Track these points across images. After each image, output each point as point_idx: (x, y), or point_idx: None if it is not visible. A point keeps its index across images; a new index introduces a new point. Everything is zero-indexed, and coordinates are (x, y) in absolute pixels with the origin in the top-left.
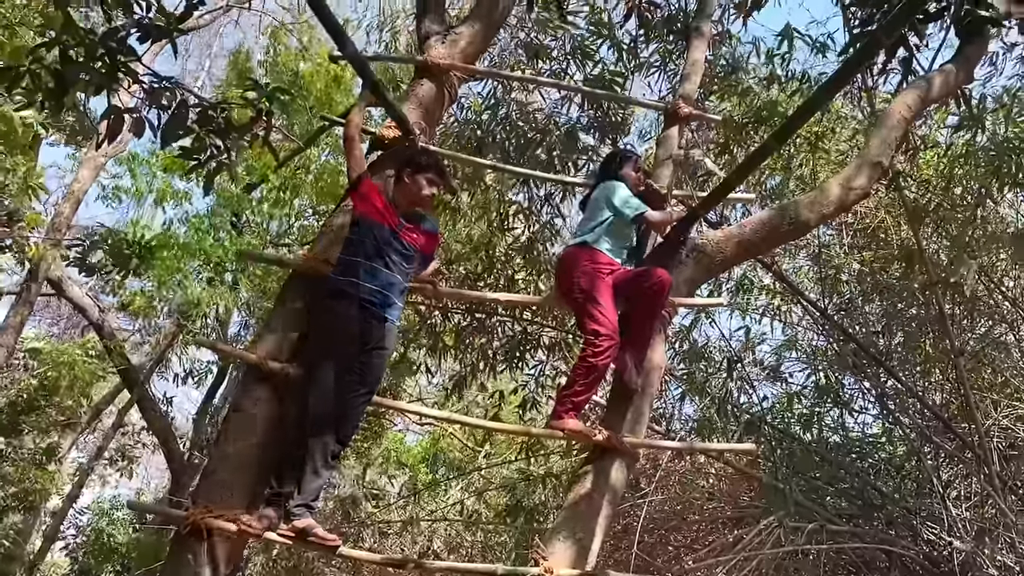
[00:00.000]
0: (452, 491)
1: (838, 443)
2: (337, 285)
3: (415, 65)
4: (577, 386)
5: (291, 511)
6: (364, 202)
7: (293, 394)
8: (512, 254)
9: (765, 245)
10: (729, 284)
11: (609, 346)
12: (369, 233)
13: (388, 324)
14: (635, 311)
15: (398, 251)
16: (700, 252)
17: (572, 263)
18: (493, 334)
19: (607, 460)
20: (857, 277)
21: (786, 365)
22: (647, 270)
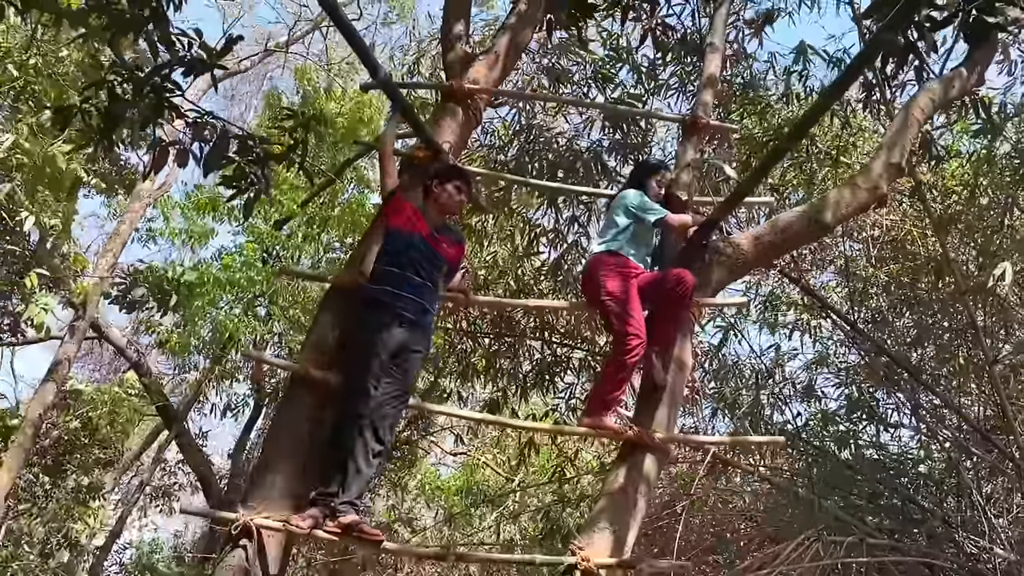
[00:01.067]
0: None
1: (875, 459)
2: (372, 294)
3: (441, 90)
4: (607, 385)
5: (337, 508)
6: (396, 215)
7: (333, 400)
8: (540, 277)
9: (786, 246)
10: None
11: (637, 345)
12: (402, 244)
13: (423, 328)
14: (660, 312)
15: (429, 260)
16: (722, 255)
17: (597, 268)
18: (523, 357)
19: (639, 455)
20: (885, 290)
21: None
22: (670, 272)
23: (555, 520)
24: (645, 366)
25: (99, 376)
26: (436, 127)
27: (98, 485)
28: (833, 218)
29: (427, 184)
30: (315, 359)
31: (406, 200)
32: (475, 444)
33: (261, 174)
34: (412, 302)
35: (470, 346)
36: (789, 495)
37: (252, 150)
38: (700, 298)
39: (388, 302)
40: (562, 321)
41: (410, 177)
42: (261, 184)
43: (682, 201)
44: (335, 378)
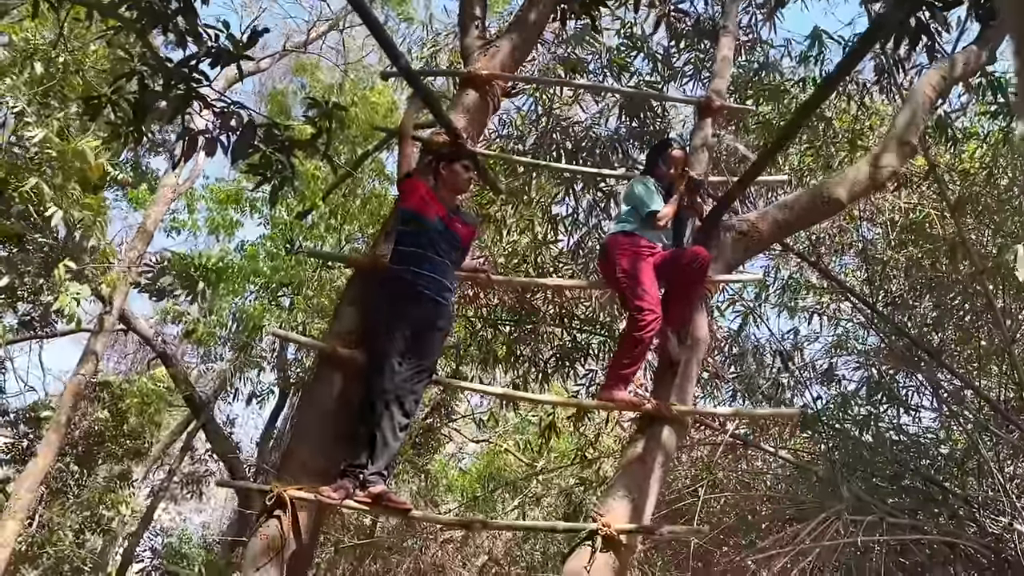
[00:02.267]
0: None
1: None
2: (392, 274)
3: (459, 77)
4: (624, 360)
5: (366, 479)
6: (411, 195)
7: (360, 377)
8: (560, 263)
9: (799, 224)
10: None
11: (652, 319)
12: (418, 224)
13: (443, 305)
14: (675, 288)
15: (446, 240)
16: (738, 232)
17: (613, 247)
18: (543, 343)
19: (657, 427)
20: (905, 273)
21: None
22: (687, 249)
23: (577, 503)
24: (661, 341)
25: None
26: (455, 113)
27: (128, 474)
28: (847, 195)
29: (437, 166)
30: (342, 338)
31: (420, 182)
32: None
33: (287, 162)
34: (432, 280)
35: (491, 333)
36: (810, 476)
37: (277, 139)
38: (714, 275)
39: (409, 280)
40: (582, 307)
41: (427, 161)
42: (287, 171)
43: (697, 181)
44: (361, 356)
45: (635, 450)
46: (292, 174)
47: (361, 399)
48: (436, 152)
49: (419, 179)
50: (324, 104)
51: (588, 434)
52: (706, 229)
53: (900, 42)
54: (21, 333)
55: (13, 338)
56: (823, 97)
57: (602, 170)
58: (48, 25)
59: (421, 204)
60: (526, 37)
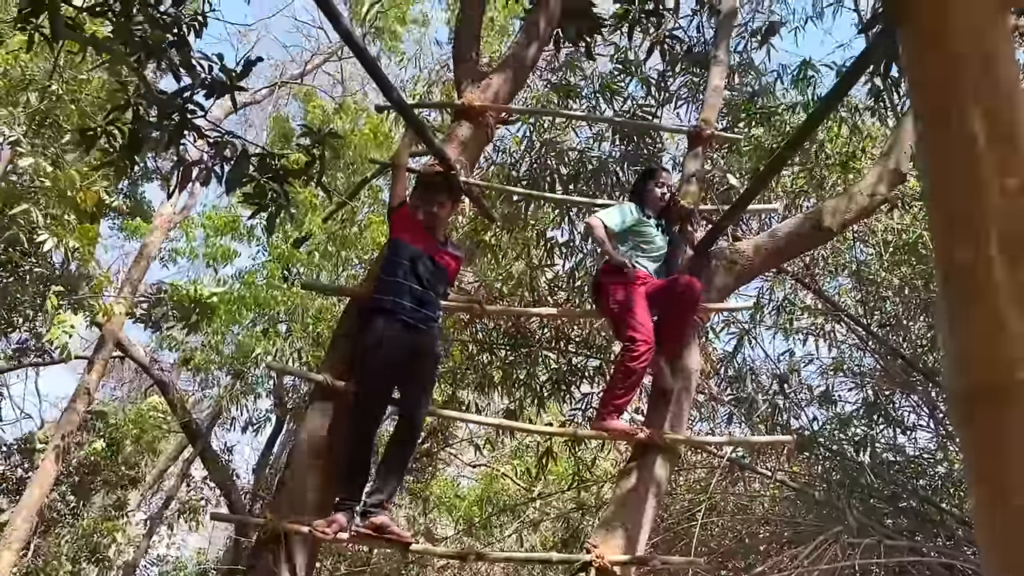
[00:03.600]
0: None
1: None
2: (378, 303)
3: (454, 109)
4: (617, 389)
5: (367, 509)
6: (400, 226)
7: (354, 409)
8: (556, 288)
9: (789, 252)
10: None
11: (645, 351)
12: (405, 253)
13: (427, 333)
14: (668, 317)
15: (432, 271)
16: (729, 261)
17: (604, 278)
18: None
19: (650, 457)
20: (899, 294)
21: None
22: (679, 278)
23: (574, 528)
24: (654, 371)
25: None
26: (449, 144)
27: (124, 503)
28: (835, 223)
29: (419, 201)
30: (336, 369)
31: (409, 213)
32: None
33: (281, 190)
34: (414, 310)
35: (487, 358)
36: (808, 499)
37: (271, 167)
38: (706, 303)
39: (391, 310)
40: (577, 330)
41: (420, 192)
42: (282, 200)
43: (687, 210)
44: (354, 387)
45: (628, 480)
46: (287, 202)
47: (356, 430)
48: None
49: (408, 210)
50: (318, 132)
51: (585, 458)
52: (698, 257)
53: (891, 66)
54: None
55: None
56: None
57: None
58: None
59: (408, 234)
60: (520, 68)
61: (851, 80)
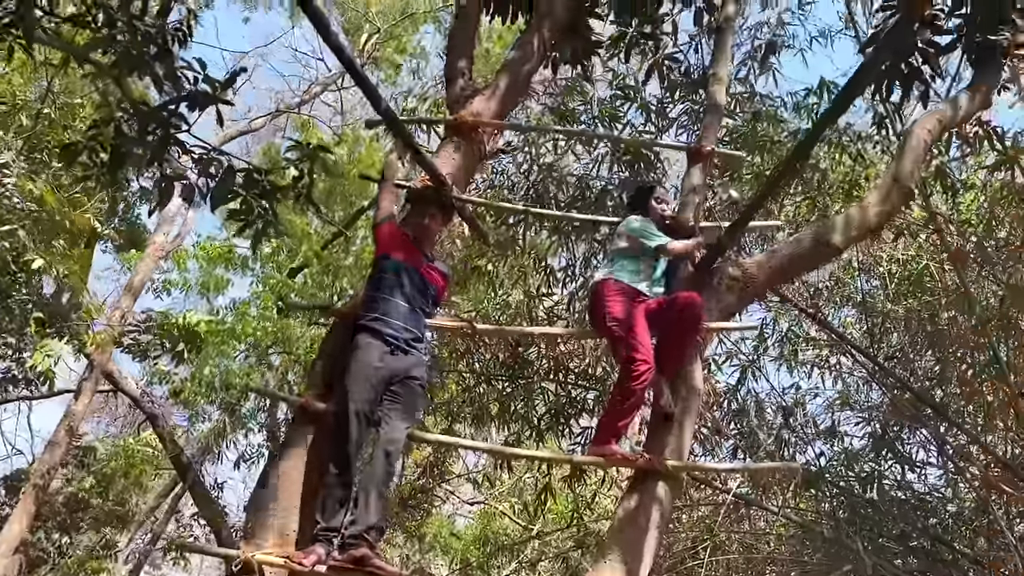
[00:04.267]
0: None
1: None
2: (363, 321)
3: (445, 125)
4: (616, 412)
5: (346, 541)
6: (388, 243)
7: (334, 432)
8: (555, 317)
9: (795, 269)
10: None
11: (645, 371)
12: (392, 268)
13: (415, 355)
14: (669, 336)
15: (420, 288)
16: (731, 279)
17: (601, 295)
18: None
19: (651, 484)
20: (905, 326)
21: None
22: (679, 296)
23: (574, 567)
24: (655, 393)
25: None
26: (440, 160)
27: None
28: (842, 240)
29: (411, 215)
30: (318, 391)
31: (396, 228)
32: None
33: (268, 207)
34: (401, 329)
35: (484, 389)
36: (815, 537)
37: (258, 183)
38: (708, 323)
39: (378, 329)
40: (576, 361)
41: (410, 208)
42: (269, 217)
43: (689, 227)
44: (334, 410)
45: (628, 509)
46: (275, 219)
47: (336, 455)
48: (413, 199)
49: (395, 225)
50: (306, 146)
51: (585, 495)
52: (699, 276)
53: (892, 89)
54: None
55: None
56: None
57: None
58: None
59: (396, 250)
60: (514, 86)
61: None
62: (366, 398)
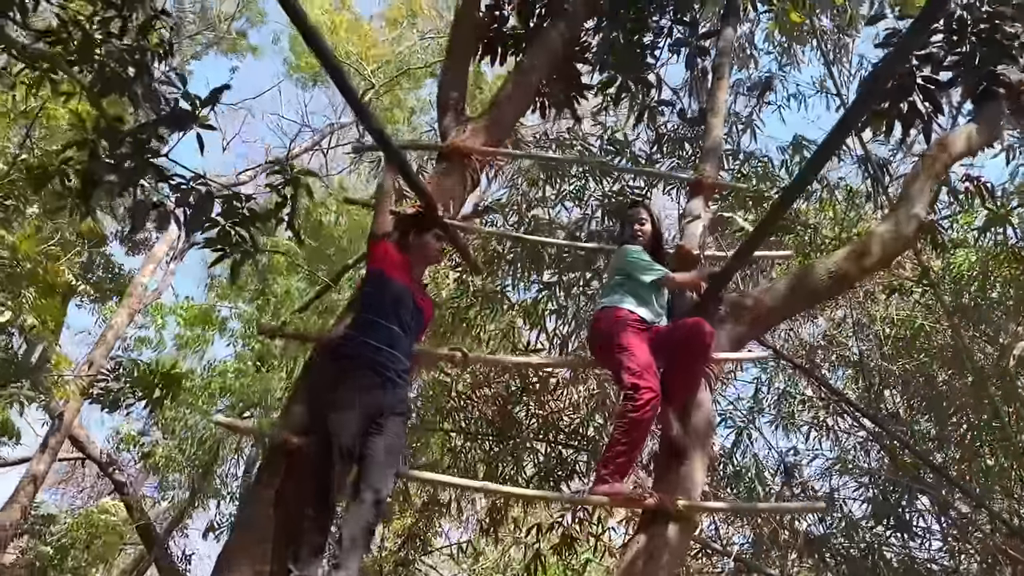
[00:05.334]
0: None
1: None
2: (350, 345)
3: (438, 151)
4: (619, 446)
5: None
6: (383, 260)
7: (312, 469)
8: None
9: (804, 300)
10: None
11: (650, 399)
12: (385, 289)
13: (401, 387)
14: (676, 365)
15: (411, 311)
16: (739, 308)
17: (602, 322)
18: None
19: (661, 526)
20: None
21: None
22: (685, 322)
23: None
24: (663, 426)
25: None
26: (432, 186)
27: None
28: (855, 271)
29: (406, 236)
30: (296, 426)
31: (394, 249)
32: (476, 569)
33: (248, 235)
34: (392, 357)
35: (470, 449)
36: None
37: (238, 211)
38: (717, 352)
39: (368, 356)
40: (566, 419)
41: (401, 232)
42: (248, 246)
43: (694, 257)
44: (315, 444)
45: (636, 557)
46: (255, 248)
47: (314, 496)
48: (407, 221)
49: (391, 244)
50: (289, 169)
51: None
52: (704, 305)
53: (892, 128)
54: None
55: None
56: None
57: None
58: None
59: (392, 267)
60: (506, 117)
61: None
62: (352, 432)
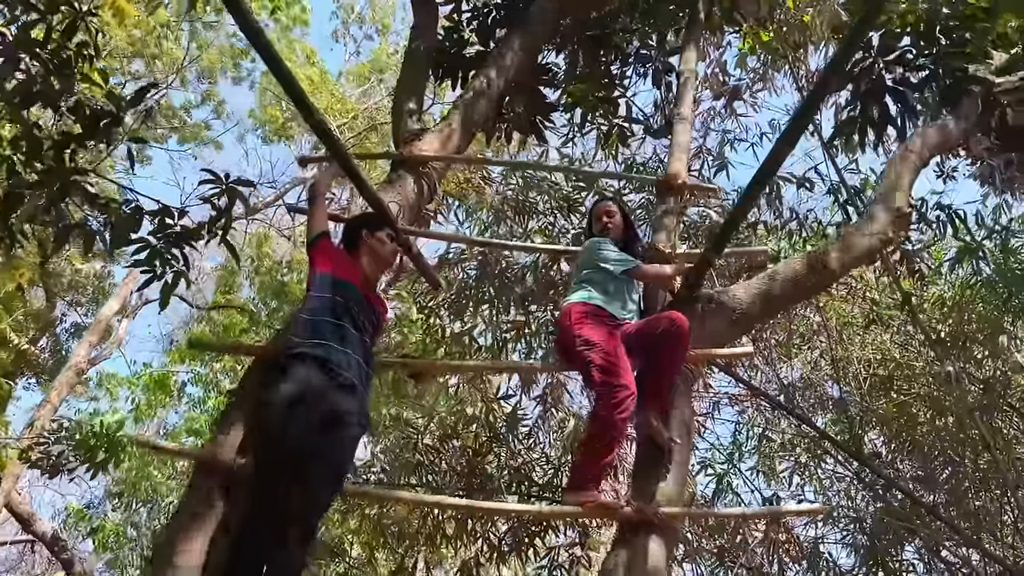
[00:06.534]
0: None
1: None
2: (300, 352)
3: (392, 159)
4: (593, 451)
5: None
6: (328, 257)
7: (245, 491)
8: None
9: (786, 296)
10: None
11: (624, 397)
12: (334, 290)
13: (362, 395)
14: (653, 362)
15: (366, 311)
16: (719, 304)
17: (570, 318)
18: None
19: (641, 538)
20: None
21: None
22: (660, 315)
23: None
24: (640, 428)
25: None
26: (384, 192)
27: None
28: (838, 265)
29: (358, 237)
30: (228, 445)
31: (337, 248)
32: None
33: (180, 254)
34: (351, 361)
35: None
36: None
37: (170, 228)
38: (696, 349)
39: (322, 358)
40: (539, 471)
41: (350, 231)
42: (180, 265)
43: (666, 255)
44: (248, 464)
45: (615, 571)
46: (187, 267)
47: (245, 520)
48: (360, 221)
49: (333, 243)
50: (224, 179)
51: None
52: (680, 303)
53: (866, 134)
54: None
55: None
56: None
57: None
58: None
59: (337, 267)
60: (467, 124)
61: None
62: (297, 446)
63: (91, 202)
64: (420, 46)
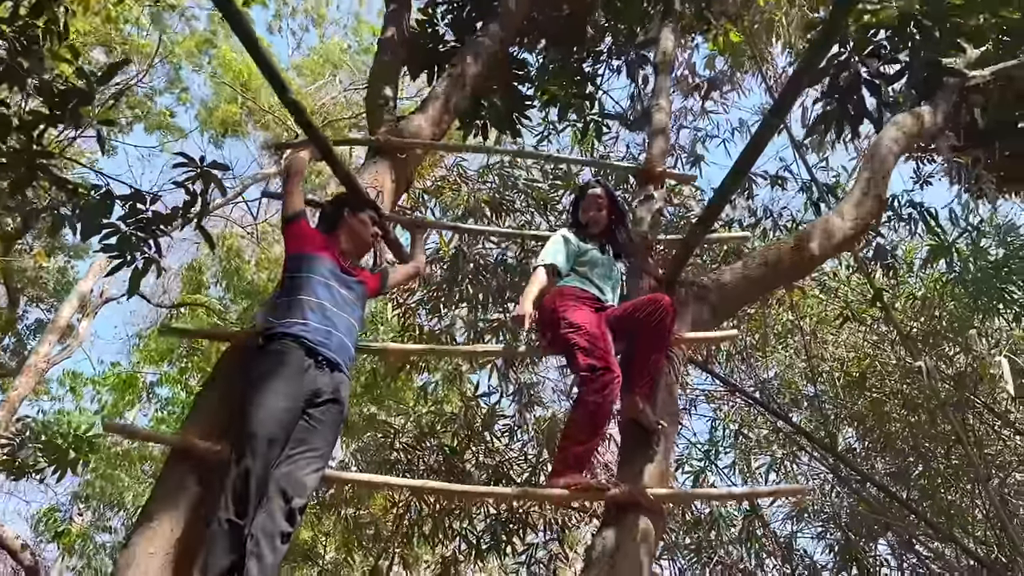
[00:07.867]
0: None
1: None
2: (273, 327)
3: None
4: (578, 434)
5: None
6: (302, 237)
7: (224, 477)
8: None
9: (768, 280)
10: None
11: (609, 380)
12: (310, 267)
13: (340, 372)
14: (638, 345)
15: (346, 285)
16: (701, 288)
17: (552, 300)
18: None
19: (629, 519)
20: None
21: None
22: (642, 297)
23: None
24: (626, 411)
25: None
26: (360, 176)
27: None
28: (820, 249)
29: (338, 217)
30: (203, 430)
31: (312, 227)
32: None
33: (152, 240)
34: (327, 334)
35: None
36: None
37: (141, 213)
38: (681, 333)
39: (297, 334)
40: (517, 469)
41: (329, 212)
42: (151, 252)
43: (646, 243)
44: (224, 449)
45: (602, 556)
46: (159, 254)
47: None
48: (342, 200)
49: (309, 224)
50: (199, 163)
51: None
52: (663, 288)
53: (842, 128)
54: None
55: None
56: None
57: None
58: None
59: (313, 246)
60: (444, 109)
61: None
62: (276, 420)
63: (59, 186)
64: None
